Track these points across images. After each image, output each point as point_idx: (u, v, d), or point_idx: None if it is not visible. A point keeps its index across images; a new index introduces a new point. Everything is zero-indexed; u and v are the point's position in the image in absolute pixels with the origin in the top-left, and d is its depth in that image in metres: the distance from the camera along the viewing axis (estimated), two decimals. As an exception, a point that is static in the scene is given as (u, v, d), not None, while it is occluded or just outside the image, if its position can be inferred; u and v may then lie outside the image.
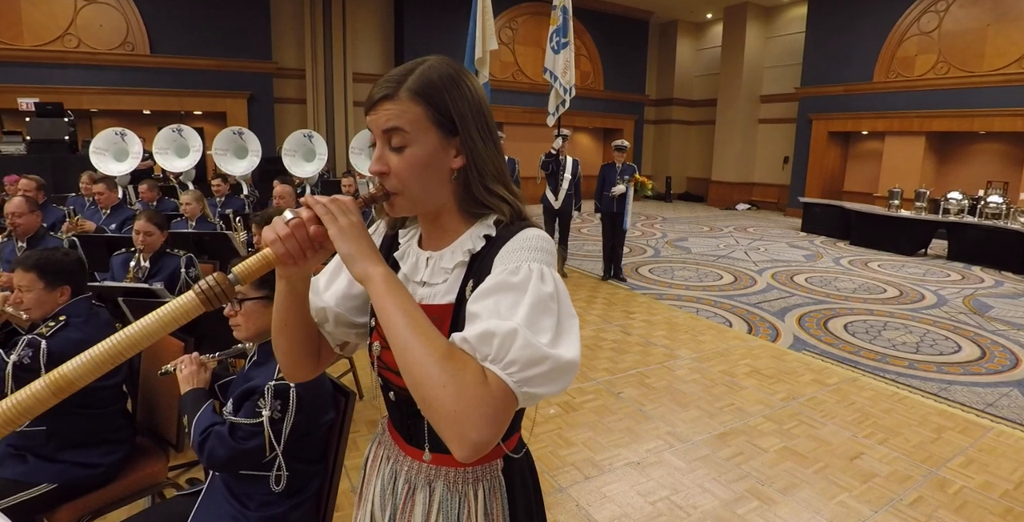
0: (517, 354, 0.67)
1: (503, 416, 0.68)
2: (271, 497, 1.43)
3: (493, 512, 0.89)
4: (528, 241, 0.79)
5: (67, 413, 1.70)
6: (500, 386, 0.67)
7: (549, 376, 0.69)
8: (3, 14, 9.88)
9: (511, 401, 0.68)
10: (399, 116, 0.78)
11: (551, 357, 0.68)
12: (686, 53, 16.80)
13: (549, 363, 0.68)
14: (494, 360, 0.68)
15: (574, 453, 2.97)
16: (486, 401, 0.66)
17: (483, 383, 0.67)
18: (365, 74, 12.74)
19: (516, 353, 0.67)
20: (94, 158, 6.28)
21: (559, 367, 0.69)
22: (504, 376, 0.67)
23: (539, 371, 0.68)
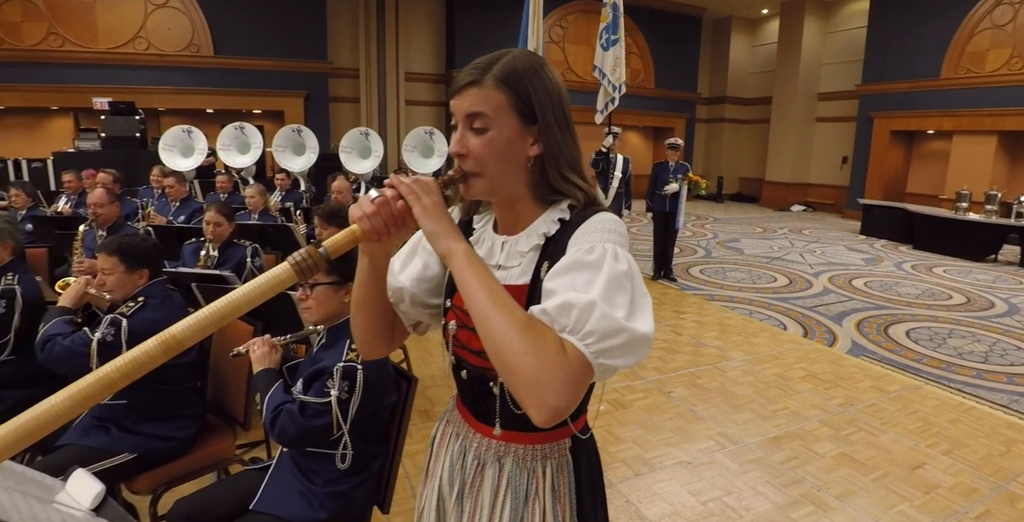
0: (594, 325, 0.69)
1: (580, 384, 0.70)
2: (336, 474, 1.49)
3: (560, 489, 0.90)
4: (602, 223, 0.81)
5: (145, 388, 1.81)
6: (578, 356, 0.69)
7: (624, 348, 0.71)
8: (80, 19, 10.49)
9: (588, 371, 0.70)
10: (483, 101, 0.81)
11: (627, 329, 0.70)
12: (740, 50, 16.40)
13: (625, 335, 0.70)
14: (572, 331, 0.70)
15: (624, 450, 2.95)
16: (564, 369, 0.68)
17: (561, 352, 0.69)
18: (417, 73, 12.95)
19: (593, 325, 0.69)
20: (163, 154, 6.60)
21: (634, 340, 0.71)
22: (581, 347, 0.69)
23: (615, 343, 0.70)
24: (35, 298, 2.10)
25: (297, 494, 1.47)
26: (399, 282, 0.93)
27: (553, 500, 0.90)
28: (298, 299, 1.56)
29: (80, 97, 10.28)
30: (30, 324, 2.05)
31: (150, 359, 0.64)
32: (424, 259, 0.94)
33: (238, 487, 1.57)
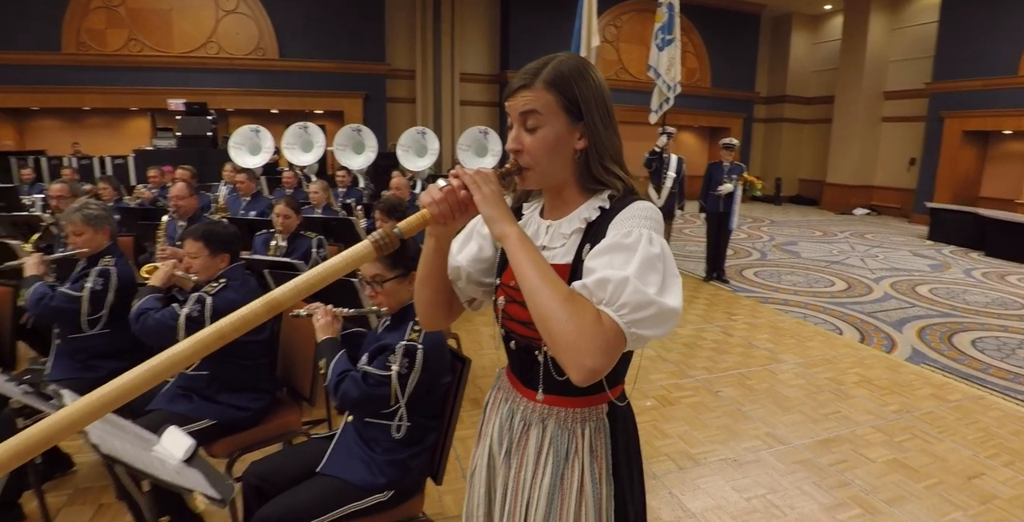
0: (628, 298, 0.79)
1: (614, 350, 0.79)
2: (394, 444, 1.61)
3: (598, 449, 0.99)
4: (639, 210, 0.90)
5: (225, 362, 1.99)
6: (612, 325, 0.79)
7: (654, 320, 0.80)
8: (157, 26, 11.17)
9: (621, 339, 0.79)
10: (534, 101, 0.91)
11: (656, 303, 0.79)
12: (801, 47, 15.89)
13: (655, 308, 0.79)
14: (608, 303, 0.80)
15: (669, 445, 2.99)
16: (600, 336, 0.78)
17: (598, 321, 0.79)
18: (472, 74, 13.15)
19: (627, 297, 0.79)
20: (232, 152, 6.99)
21: (663, 312, 0.80)
22: (616, 317, 0.79)
23: (646, 314, 0.79)
24: (128, 279, 2.32)
25: (359, 461, 1.61)
26: (457, 262, 1.04)
27: (591, 459, 0.98)
28: (369, 296, 1.69)
29: (157, 99, 10.95)
30: (122, 302, 2.27)
31: (256, 316, 0.76)
32: (479, 243, 1.05)
33: (305, 454, 1.72)
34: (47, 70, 10.80)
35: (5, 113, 11.10)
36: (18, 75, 10.71)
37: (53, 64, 10.80)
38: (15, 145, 10.65)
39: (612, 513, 0.98)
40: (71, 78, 10.96)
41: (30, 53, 10.63)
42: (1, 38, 10.42)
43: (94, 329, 2.24)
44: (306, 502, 1.53)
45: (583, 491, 0.97)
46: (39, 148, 10.38)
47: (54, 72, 10.85)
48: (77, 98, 11.25)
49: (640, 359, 4.15)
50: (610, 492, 0.98)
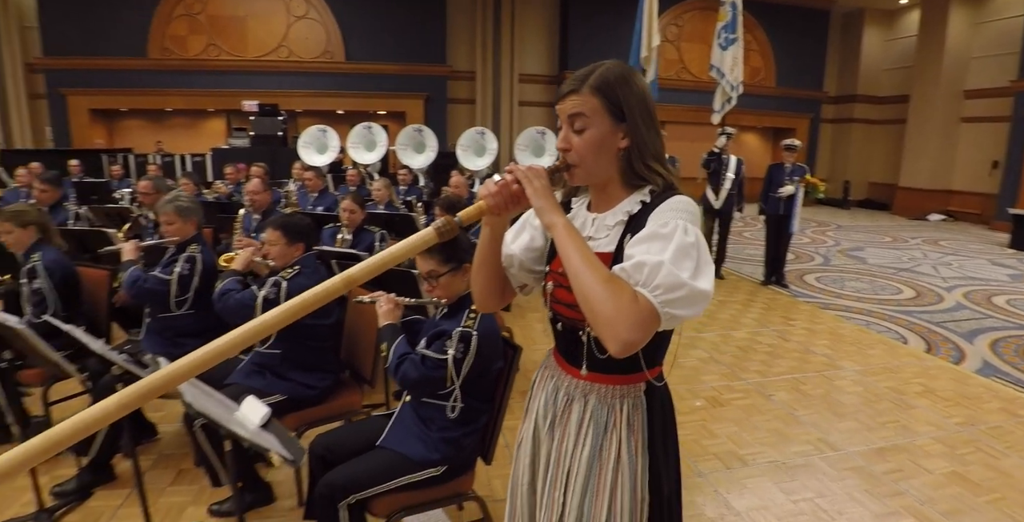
0: (661, 280, 0.87)
1: (648, 326, 0.88)
2: (448, 423, 1.73)
3: (635, 423, 1.07)
4: (676, 204, 0.98)
5: (296, 342, 2.17)
6: (647, 304, 0.87)
7: (686, 300, 0.88)
8: (233, 31, 11.83)
9: (655, 317, 0.88)
10: (581, 105, 1.00)
11: (688, 285, 0.87)
12: (873, 44, 15.19)
13: (686, 290, 0.87)
14: (643, 285, 0.88)
15: (717, 445, 2.99)
16: (635, 313, 0.86)
17: (635, 301, 0.87)
18: (530, 75, 13.26)
19: (660, 280, 0.87)
20: (301, 151, 7.34)
21: (694, 294, 0.88)
22: (651, 297, 0.87)
23: (678, 295, 0.87)
24: (211, 265, 2.54)
25: (415, 437, 1.73)
26: (511, 250, 1.13)
27: (628, 432, 1.06)
28: (427, 290, 1.81)
29: (232, 100, 11.58)
30: (205, 286, 2.49)
31: (335, 289, 0.88)
32: (531, 233, 1.14)
33: (367, 429, 1.85)
34: (134, 74, 11.62)
35: (96, 114, 12.00)
36: (108, 79, 11.57)
37: (140, 69, 11.61)
38: (105, 143, 11.49)
39: (647, 484, 1.05)
40: (155, 81, 11.75)
41: (119, 59, 11.46)
42: (94, 45, 11.29)
43: (181, 310, 2.47)
44: (366, 471, 1.66)
45: (620, 462, 1.04)
46: (126, 146, 11.18)
47: (140, 76, 11.66)
48: (161, 100, 12.06)
49: (692, 360, 4.16)
50: (645, 464, 1.05)
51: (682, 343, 4.54)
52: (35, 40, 11.65)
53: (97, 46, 11.34)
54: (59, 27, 11.25)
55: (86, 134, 11.63)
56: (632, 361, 1.03)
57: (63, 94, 11.64)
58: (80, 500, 2.33)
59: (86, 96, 11.71)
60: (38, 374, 2.60)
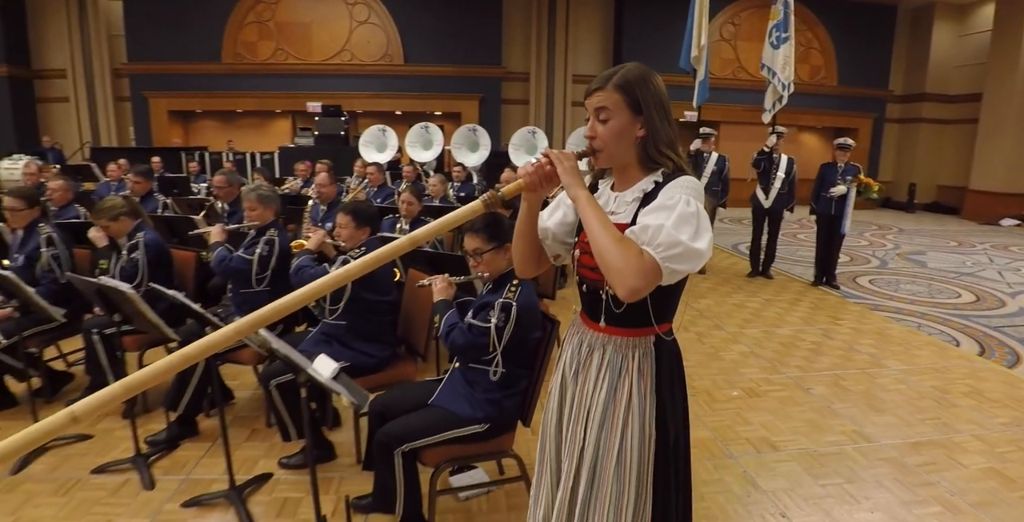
0: (662, 240, 1.06)
1: (651, 277, 1.06)
2: (491, 386, 1.95)
3: (645, 370, 1.26)
4: (683, 182, 1.17)
5: (360, 315, 2.45)
6: (650, 259, 1.06)
7: (682, 257, 1.06)
8: (300, 37, 12.46)
9: (656, 269, 1.06)
10: (605, 100, 1.20)
11: (684, 244, 1.06)
12: (944, 41, 14.52)
13: (682, 248, 1.06)
14: (647, 243, 1.07)
15: (750, 431, 3.10)
16: (640, 265, 1.05)
17: (640, 256, 1.06)
18: (584, 75, 13.37)
19: (661, 239, 1.06)
20: (362, 149, 7.76)
21: (689, 252, 1.07)
22: (653, 253, 1.06)
23: (675, 252, 1.06)
24: (286, 248, 2.86)
25: (463, 398, 1.96)
26: (546, 225, 1.34)
27: (639, 377, 1.25)
28: (473, 266, 2.04)
29: (298, 102, 12.22)
30: (281, 266, 2.80)
31: (400, 247, 1.11)
32: (564, 210, 1.35)
33: (419, 391, 2.10)
34: (209, 78, 12.42)
35: (174, 115, 12.87)
36: (186, 83, 12.41)
37: (214, 73, 12.40)
38: (182, 142, 12.33)
39: (654, 422, 1.23)
40: (228, 85, 12.52)
41: (196, 64, 12.28)
42: (173, 51, 12.13)
43: (260, 286, 2.79)
44: (419, 424, 1.90)
45: (631, 402, 1.23)
46: (201, 145, 11.95)
47: (214, 80, 12.46)
48: (232, 102, 12.83)
49: (732, 354, 4.24)
50: (652, 405, 1.24)
51: (724, 338, 4.62)
52: (121, 47, 12.63)
53: (176, 52, 12.19)
54: (142, 35, 12.16)
55: (165, 133, 12.51)
56: (643, 317, 1.21)
57: (145, 97, 12.55)
58: (169, 449, 2.68)
59: (165, 98, 12.60)
60: (136, 340, 2.98)
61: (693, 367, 3.98)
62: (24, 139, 12.24)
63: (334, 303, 2.43)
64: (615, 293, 1.09)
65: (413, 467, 1.91)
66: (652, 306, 1.19)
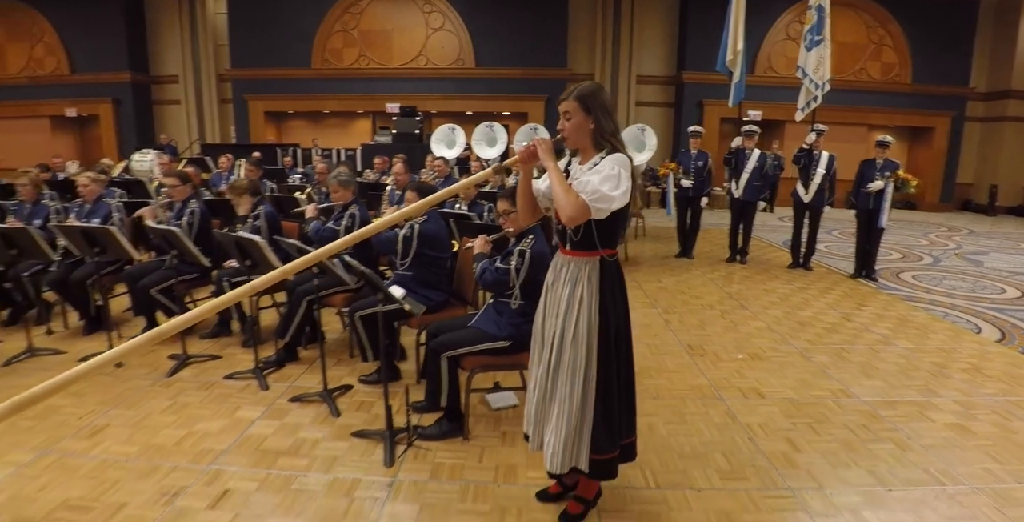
0: (589, 189, 1.73)
1: (582, 212, 1.75)
2: (513, 314, 2.65)
3: (593, 278, 1.91)
4: (614, 156, 1.84)
5: (423, 267, 3.25)
6: (582, 201, 1.74)
7: (601, 200, 1.73)
8: (381, 43, 13.57)
9: (585, 207, 1.74)
10: (568, 106, 1.90)
11: (601, 191, 1.72)
12: (1034, 36, 13.86)
13: (600, 194, 1.72)
14: (582, 192, 1.75)
15: (744, 383, 3.62)
16: (576, 204, 1.74)
17: (577, 199, 1.74)
18: (648, 76, 13.79)
19: (588, 189, 1.73)
20: (433, 146, 8.61)
21: (606, 197, 1.73)
22: (585, 197, 1.74)
23: (597, 197, 1.73)
24: (366, 219, 3.65)
25: (492, 321, 2.68)
26: (538, 187, 2.02)
27: (588, 283, 1.92)
28: (501, 224, 2.75)
29: (377, 103, 13.35)
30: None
31: (437, 198, 1.82)
32: None
33: (463, 319, 2.84)
34: (300, 82, 13.74)
35: (269, 115, 14.32)
36: (279, 86, 13.79)
37: (304, 77, 13.71)
38: (275, 139, 13.71)
39: (597, 313, 1.90)
40: (316, 88, 13.81)
41: (288, 69, 13.63)
42: (269, 59, 13.53)
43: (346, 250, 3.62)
44: (460, 338, 2.64)
45: (582, 299, 1.91)
46: (292, 142, 13.27)
47: (304, 83, 13.77)
48: (320, 104, 14.13)
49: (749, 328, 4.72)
50: (597, 301, 1.91)
51: (745, 315, 5.08)
52: (225, 56, 14.19)
53: (272, 59, 13.59)
54: (243, 45, 13.65)
55: (261, 132, 13.96)
56: (592, 243, 1.88)
57: (245, 99, 14.04)
58: (278, 368, 3.56)
59: (262, 101, 14.05)
60: (255, 290, 3.88)
61: (708, 336, 4.52)
62: (143, 136, 14.03)
63: (403, 257, 3.22)
64: (560, 221, 1.79)
65: (455, 370, 2.65)
66: (597, 236, 1.87)
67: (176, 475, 2.50)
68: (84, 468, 2.56)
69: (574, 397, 1.92)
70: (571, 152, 2.01)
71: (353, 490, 2.40)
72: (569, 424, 1.93)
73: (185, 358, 3.60)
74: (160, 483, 2.44)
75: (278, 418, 3.00)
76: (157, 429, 2.89)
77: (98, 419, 2.99)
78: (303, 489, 2.41)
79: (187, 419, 2.99)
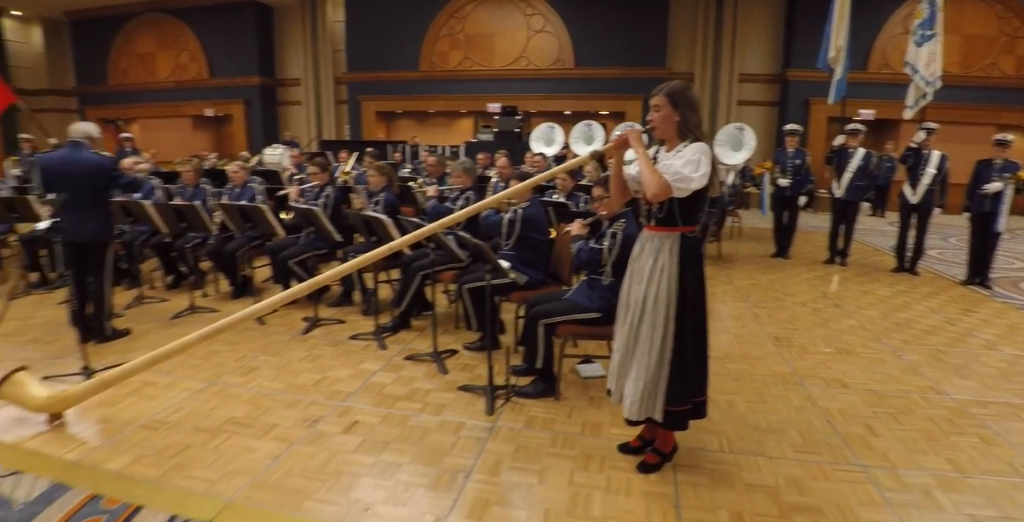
0: (672, 171, 2.03)
1: (664, 190, 2.05)
2: (604, 289, 2.95)
3: (673, 251, 2.19)
4: (696, 145, 2.11)
5: (525, 248, 3.63)
6: (665, 180, 2.04)
7: (682, 180, 2.02)
8: (483, 46, 14.17)
9: (667, 185, 2.04)
10: (658, 101, 2.18)
11: (681, 173, 2.02)
12: None
13: (680, 175, 2.02)
14: (665, 174, 2.05)
15: (828, 373, 3.69)
16: (660, 182, 2.04)
17: (661, 178, 2.05)
18: (751, 74, 13.48)
19: (671, 170, 2.04)
20: (532, 144, 9.04)
21: (684, 178, 2.02)
22: (667, 177, 2.04)
23: (678, 177, 2.02)
24: (475, 205, 4.10)
25: (585, 295, 3.00)
26: (629, 172, 2.31)
27: (669, 255, 2.19)
28: (595, 209, 3.06)
29: (479, 103, 13.96)
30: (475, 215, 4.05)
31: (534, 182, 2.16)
32: None
33: (559, 294, 3.18)
34: (408, 84, 14.64)
35: (379, 115, 15.35)
36: (390, 88, 14.77)
37: (412, 79, 14.59)
38: (385, 137, 14.69)
39: (675, 283, 2.18)
40: (423, 89, 14.66)
41: (398, 72, 14.56)
42: (381, 62, 14.52)
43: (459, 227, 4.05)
44: (555, 308, 2.99)
45: (663, 269, 2.19)
46: (401, 139, 14.18)
47: (413, 85, 14.66)
48: (426, 104, 14.98)
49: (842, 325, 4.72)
50: (676, 271, 2.18)
51: (838, 314, 5.06)
52: (342, 60, 15.38)
53: (384, 63, 14.59)
54: (358, 49, 14.76)
55: (372, 130, 15.02)
56: (673, 220, 2.16)
57: (359, 100, 15.15)
58: (393, 333, 4.08)
59: (374, 101, 15.10)
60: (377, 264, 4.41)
61: (796, 329, 4.58)
62: (269, 133, 15.52)
63: (508, 239, 3.62)
64: (647, 200, 2.10)
65: (550, 336, 2.99)
66: (679, 213, 2.14)
67: (314, 408, 3.04)
68: (243, 396, 3.16)
69: (652, 354, 2.21)
70: (658, 142, 2.30)
71: (459, 430, 2.81)
72: (647, 377, 2.22)
73: (316, 320, 4.20)
74: (303, 412, 2.98)
75: (395, 372, 3.50)
76: (297, 373, 3.47)
77: (250, 362, 3.63)
78: (418, 426, 2.85)
79: (321, 367, 3.55)
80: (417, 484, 2.40)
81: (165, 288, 5.33)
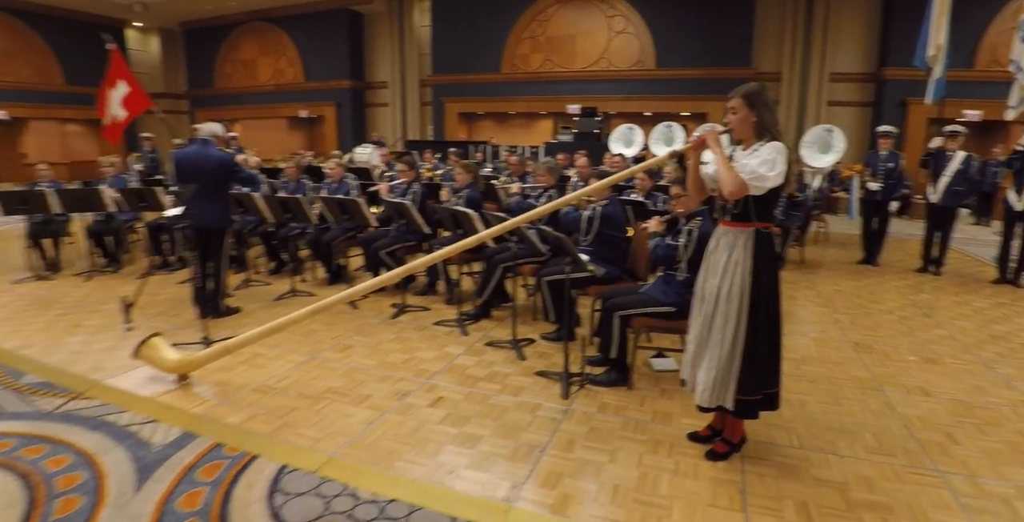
0: (748, 170, 2.13)
1: (741, 187, 2.16)
2: (678, 284, 3.06)
3: (748, 246, 2.27)
4: (772, 144, 2.19)
5: (602, 244, 3.77)
6: (741, 179, 2.15)
7: (758, 179, 2.12)
8: (564, 48, 14.33)
9: (743, 184, 2.15)
10: (735, 103, 2.28)
11: (757, 172, 2.11)
12: None
13: (756, 174, 2.12)
14: (741, 171, 2.15)
15: (910, 381, 3.61)
16: (737, 180, 2.15)
17: (737, 177, 2.15)
18: (843, 73, 12.92)
19: (748, 170, 2.14)
20: (611, 145, 9.13)
21: (760, 176, 2.12)
22: (744, 176, 2.14)
23: (754, 176, 2.12)
24: (555, 203, 4.29)
25: (660, 290, 3.12)
26: (706, 171, 2.42)
27: (743, 250, 2.28)
28: (672, 206, 3.17)
29: (559, 105, 14.13)
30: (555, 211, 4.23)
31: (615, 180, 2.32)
32: None
33: (635, 289, 3.30)
34: (490, 86, 15.03)
35: (462, 116, 15.83)
36: (472, 90, 15.22)
37: (494, 82, 14.97)
38: (467, 137, 15.15)
39: (749, 276, 2.26)
40: (505, 91, 15.01)
41: (480, 75, 14.98)
42: (464, 65, 15.00)
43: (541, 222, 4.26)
44: (630, 301, 3.12)
45: (738, 262, 2.28)
46: (481, 140, 14.58)
47: (494, 87, 15.04)
48: (507, 105, 15.31)
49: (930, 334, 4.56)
50: (750, 265, 2.27)
51: (927, 323, 4.87)
52: (427, 63, 15.99)
53: (467, 66, 15.06)
54: (443, 53, 15.32)
55: (454, 130, 15.54)
56: (748, 216, 2.25)
57: (442, 102, 15.70)
58: (475, 321, 4.33)
59: (457, 103, 15.60)
60: (460, 256, 4.69)
61: (879, 337, 4.47)
62: (358, 134, 16.37)
63: (586, 235, 3.79)
64: (723, 197, 2.20)
65: (625, 328, 3.13)
66: (755, 210, 2.23)
67: (403, 383, 3.33)
68: (339, 370, 3.51)
69: (724, 344, 2.32)
70: (735, 141, 2.40)
71: (536, 410, 3.01)
72: (719, 366, 2.33)
73: (403, 306, 4.52)
74: (393, 387, 3.28)
75: (476, 355, 3.75)
76: (387, 352, 3.79)
77: (345, 340, 4.00)
78: (497, 404, 3.08)
79: (408, 348, 3.86)
80: (497, 454, 2.61)
81: (268, 273, 5.87)
